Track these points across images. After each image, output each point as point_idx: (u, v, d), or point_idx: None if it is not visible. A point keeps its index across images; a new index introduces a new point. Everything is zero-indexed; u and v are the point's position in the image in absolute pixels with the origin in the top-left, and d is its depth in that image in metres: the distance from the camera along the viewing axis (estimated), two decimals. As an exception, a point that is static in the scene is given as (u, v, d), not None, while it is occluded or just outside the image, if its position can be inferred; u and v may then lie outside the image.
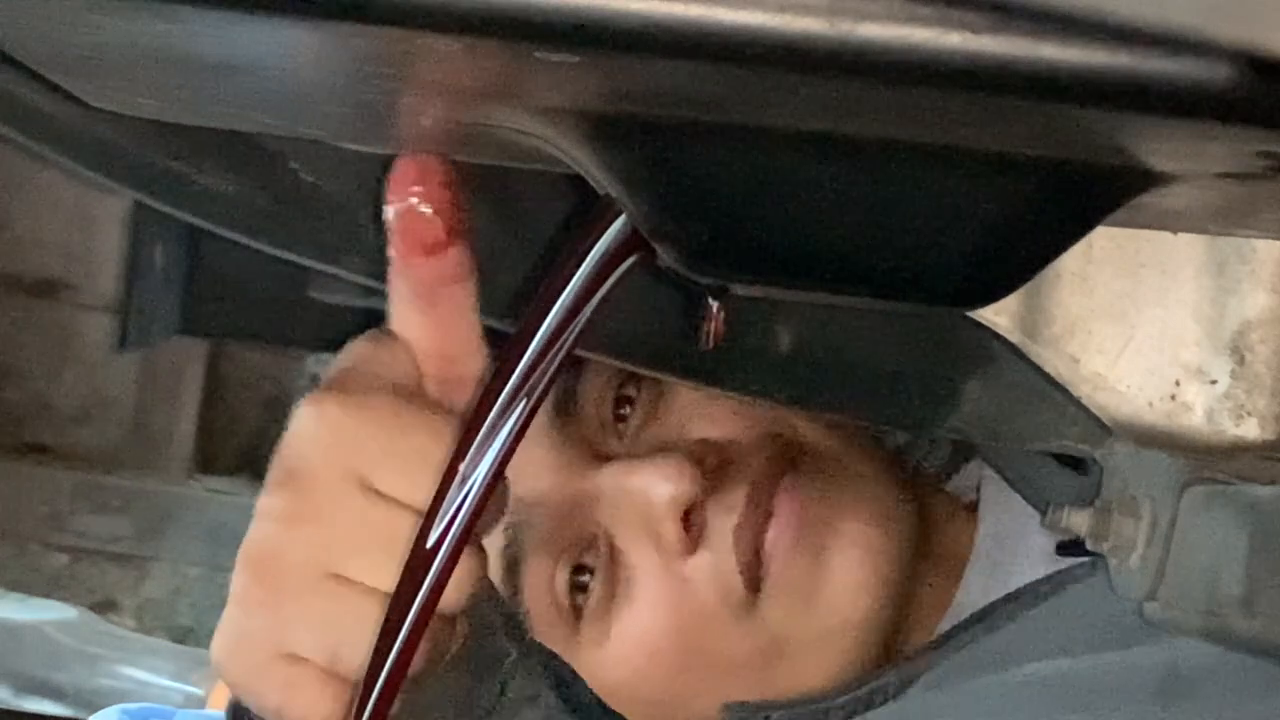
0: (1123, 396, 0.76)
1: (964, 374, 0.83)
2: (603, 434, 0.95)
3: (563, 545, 0.92)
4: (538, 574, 0.92)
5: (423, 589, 0.64)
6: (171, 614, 1.80)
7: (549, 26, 0.45)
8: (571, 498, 0.92)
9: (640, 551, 0.92)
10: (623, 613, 0.92)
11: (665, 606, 0.91)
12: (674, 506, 0.90)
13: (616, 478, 0.92)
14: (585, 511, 0.93)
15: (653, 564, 0.92)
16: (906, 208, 0.56)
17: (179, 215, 0.75)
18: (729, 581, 0.91)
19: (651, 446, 0.94)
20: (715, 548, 0.91)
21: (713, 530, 0.91)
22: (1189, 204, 0.61)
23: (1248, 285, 0.73)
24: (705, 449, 0.92)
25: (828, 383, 0.84)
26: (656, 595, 0.92)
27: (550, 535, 0.92)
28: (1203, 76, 0.44)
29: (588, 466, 0.93)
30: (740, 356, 0.82)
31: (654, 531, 0.91)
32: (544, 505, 0.92)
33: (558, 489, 0.92)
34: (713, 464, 0.92)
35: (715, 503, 0.91)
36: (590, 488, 0.93)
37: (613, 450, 0.95)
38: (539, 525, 0.92)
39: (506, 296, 0.80)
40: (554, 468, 0.93)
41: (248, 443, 1.82)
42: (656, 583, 0.92)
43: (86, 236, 1.73)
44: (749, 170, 0.55)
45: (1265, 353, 0.74)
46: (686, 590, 0.91)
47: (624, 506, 0.92)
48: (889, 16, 0.44)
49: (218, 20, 0.47)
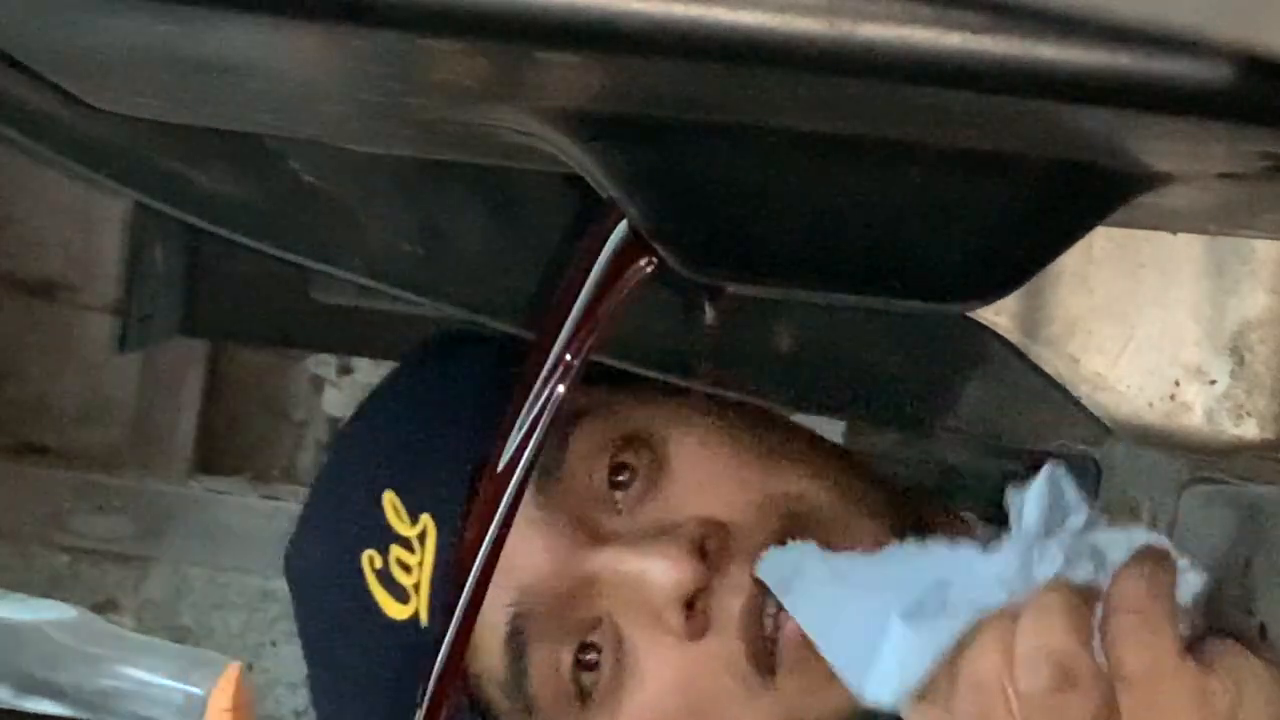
0: (1123, 396, 0.76)
1: (964, 374, 0.83)
2: (597, 508, 0.91)
3: (566, 628, 0.90)
4: (543, 659, 0.89)
5: None
6: (171, 614, 1.80)
7: (549, 26, 0.45)
8: (570, 582, 0.89)
9: (645, 636, 0.89)
10: (632, 693, 0.90)
11: (676, 688, 0.89)
12: (677, 595, 0.87)
13: (616, 563, 0.89)
14: (587, 595, 0.90)
15: (659, 648, 0.89)
16: (906, 208, 0.56)
17: (179, 215, 0.75)
18: (739, 665, 0.89)
19: (651, 526, 0.90)
20: (723, 631, 0.89)
21: (718, 614, 0.88)
22: (1189, 204, 0.61)
23: (1247, 285, 0.73)
24: (707, 529, 0.89)
25: (828, 383, 0.84)
26: (666, 678, 0.89)
27: (553, 619, 0.89)
28: (1203, 76, 0.44)
29: (584, 548, 0.90)
30: (740, 356, 0.82)
31: (658, 617, 0.88)
32: (544, 590, 0.89)
33: (556, 573, 0.89)
34: (715, 546, 0.89)
35: (720, 585, 0.88)
36: (589, 571, 0.89)
37: (610, 527, 0.91)
38: (542, 611, 0.89)
39: (507, 297, 0.80)
40: (548, 551, 0.89)
41: (248, 443, 1.82)
42: (664, 666, 0.89)
43: (86, 236, 1.73)
44: (749, 170, 0.55)
45: (1265, 353, 0.74)
46: (696, 673, 0.89)
47: (625, 593, 0.89)
48: (889, 16, 0.44)
49: (218, 21, 0.47)
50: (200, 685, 0.72)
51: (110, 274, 1.71)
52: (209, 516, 1.77)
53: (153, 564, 1.80)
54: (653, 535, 0.89)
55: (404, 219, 0.77)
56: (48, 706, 0.73)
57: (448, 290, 0.79)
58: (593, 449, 0.91)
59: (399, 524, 0.91)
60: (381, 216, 0.77)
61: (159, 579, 1.80)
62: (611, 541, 0.90)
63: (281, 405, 1.82)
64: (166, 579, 1.80)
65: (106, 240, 1.71)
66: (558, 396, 0.67)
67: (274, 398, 1.82)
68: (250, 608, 1.79)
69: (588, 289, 0.65)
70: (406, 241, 0.78)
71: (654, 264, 0.63)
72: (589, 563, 0.90)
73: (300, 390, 1.82)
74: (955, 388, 0.83)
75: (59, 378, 1.77)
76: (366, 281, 0.78)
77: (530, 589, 0.89)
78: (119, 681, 0.73)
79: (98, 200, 1.66)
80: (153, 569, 1.80)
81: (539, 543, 0.89)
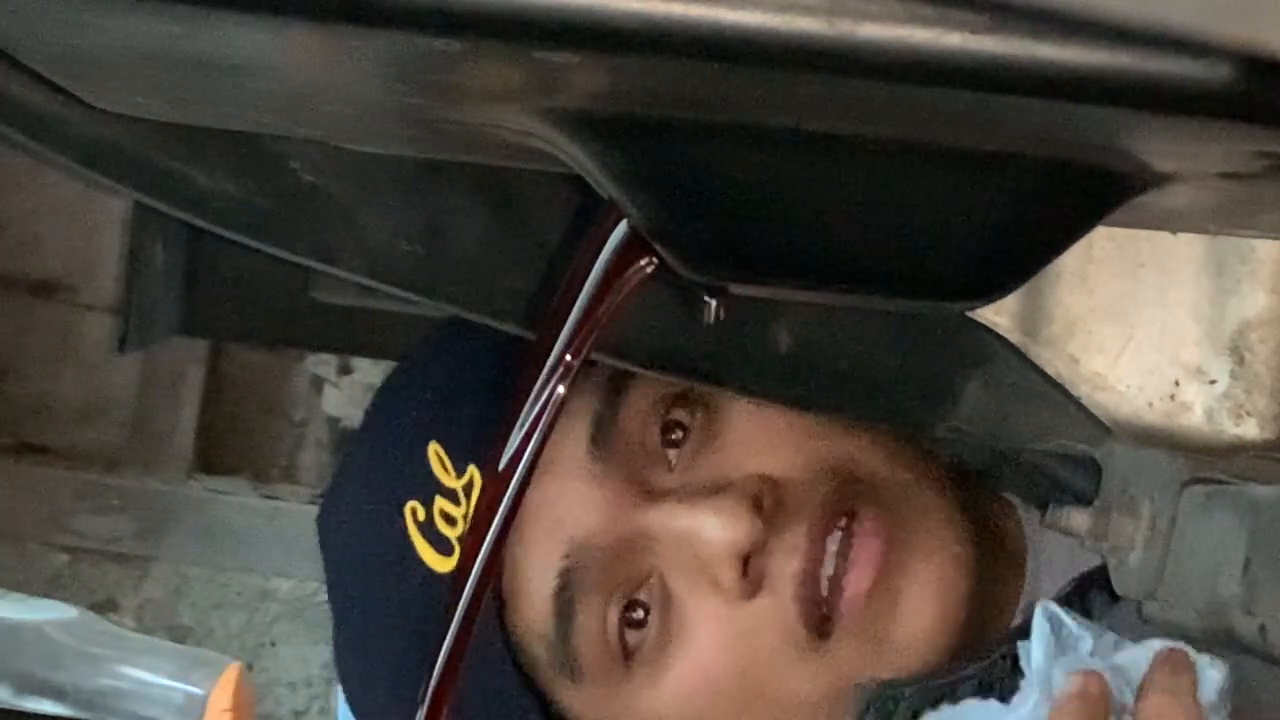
0: (1123, 396, 0.76)
1: (964, 374, 0.83)
2: (650, 465, 0.90)
3: (614, 584, 0.88)
4: (590, 615, 0.88)
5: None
6: (171, 614, 1.80)
7: (549, 26, 0.45)
8: (621, 537, 0.88)
9: (696, 594, 0.88)
10: (679, 653, 0.89)
11: (725, 648, 0.88)
12: (733, 553, 0.86)
13: (670, 519, 0.88)
14: (637, 551, 0.89)
15: (710, 606, 0.88)
16: (906, 207, 0.56)
17: (179, 215, 0.75)
18: (792, 627, 0.88)
19: (706, 482, 0.89)
20: (777, 592, 0.88)
21: (773, 574, 0.87)
22: (1189, 204, 0.61)
23: (1247, 285, 0.73)
24: (762, 486, 0.88)
25: (828, 383, 0.84)
26: (715, 637, 0.88)
27: (603, 575, 0.88)
28: (1203, 76, 0.44)
29: (637, 503, 0.88)
30: (740, 356, 0.82)
31: (710, 575, 0.88)
32: (594, 545, 0.88)
33: (606, 528, 0.88)
34: (770, 503, 0.88)
35: (775, 544, 0.87)
36: (641, 527, 0.88)
37: (663, 484, 0.90)
38: (591, 566, 0.88)
39: (507, 296, 0.80)
40: (600, 505, 0.88)
41: (248, 443, 1.82)
42: (715, 625, 0.88)
43: (86, 236, 1.73)
44: (749, 170, 0.55)
45: (1265, 353, 0.74)
46: (747, 633, 0.88)
47: (678, 549, 0.88)
48: (889, 16, 0.44)
49: (218, 21, 0.47)
50: (200, 685, 0.72)
51: (110, 274, 1.71)
52: (209, 516, 1.77)
53: (153, 564, 1.80)
54: (708, 491, 0.88)
55: (404, 219, 0.77)
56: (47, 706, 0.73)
57: (448, 290, 0.79)
58: (646, 406, 0.90)
59: (444, 475, 0.90)
60: (381, 216, 0.77)
61: (159, 579, 1.80)
62: (665, 497, 0.89)
63: (281, 405, 1.82)
64: (166, 579, 1.80)
65: (106, 240, 1.71)
66: (558, 397, 0.67)
67: (274, 398, 1.82)
68: (250, 608, 1.79)
69: (588, 289, 0.65)
70: (406, 241, 0.78)
71: (654, 264, 0.63)
72: (641, 518, 0.89)
73: (300, 390, 1.82)
74: (955, 388, 0.83)
75: (59, 378, 1.77)
76: (366, 281, 0.78)
77: (580, 543, 0.88)
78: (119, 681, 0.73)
79: (98, 200, 1.66)
80: (153, 569, 1.80)
81: (591, 496, 0.88)
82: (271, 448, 1.82)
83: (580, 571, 0.88)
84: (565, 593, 0.89)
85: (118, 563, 1.80)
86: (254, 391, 1.81)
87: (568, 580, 0.88)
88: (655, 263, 0.63)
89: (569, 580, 0.88)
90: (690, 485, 0.89)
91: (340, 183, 0.75)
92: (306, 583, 1.74)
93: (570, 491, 0.87)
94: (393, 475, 0.93)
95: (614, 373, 0.89)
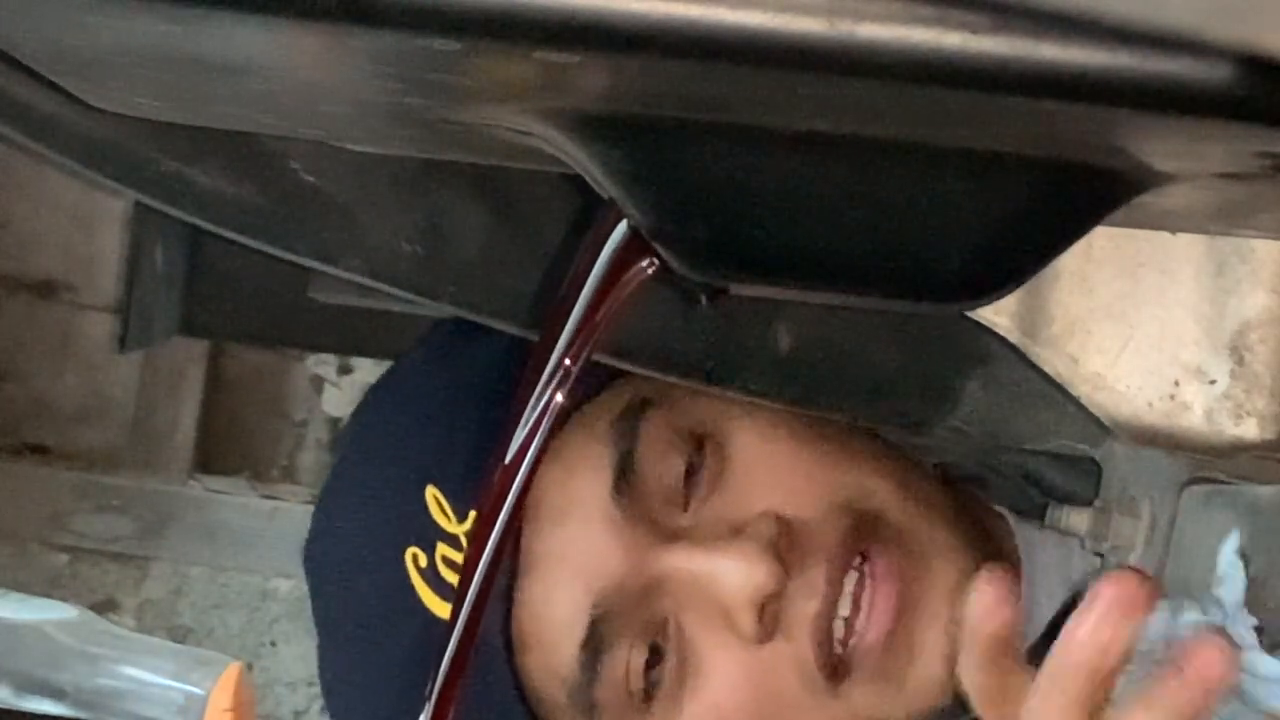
0: (1122, 396, 0.76)
1: (964, 374, 0.83)
2: (665, 505, 0.89)
3: (637, 629, 0.88)
4: (616, 660, 0.88)
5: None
6: (171, 614, 1.80)
7: (549, 26, 0.45)
8: (641, 581, 0.88)
9: (711, 637, 0.88)
10: (694, 695, 0.89)
11: (740, 690, 0.88)
12: (753, 599, 0.86)
13: (688, 563, 0.88)
14: (655, 594, 0.89)
15: (725, 649, 0.88)
16: (906, 208, 0.56)
17: (179, 215, 0.75)
18: (808, 670, 0.88)
19: (721, 525, 0.89)
20: (793, 636, 0.88)
21: (789, 618, 0.87)
22: (1189, 204, 0.61)
23: (1247, 285, 0.73)
24: (778, 528, 0.87)
25: (828, 383, 0.84)
26: (730, 679, 0.88)
27: (628, 621, 0.88)
28: (1203, 76, 0.44)
29: (654, 546, 0.88)
30: (740, 356, 0.82)
31: (727, 619, 0.87)
32: (620, 592, 0.88)
33: (630, 574, 0.88)
34: (786, 545, 0.87)
35: (791, 588, 0.87)
36: (659, 571, 0.88)
37: (677, 524, 0.90)
38: (618, 612, 0.88)
39: (507, 297, 0.80)
40: (624, 551, 0.88)
41: (248, 443, 1.82)
42: (730, 667, 0.88)
43: (86, 236, 1.73)
44: (749, 170, 0.55)
45: (1264, 353, 0.74)
46: (762, 676, 0.88)
47: (694, 593, 0.88)
48: (889, 16, 0.44)
49: (218, 21, 0.47)
50: (200, 685, 0.72)
51: (110, 274, 1.71)
52: (209, 516, 1.77)
53: (153, 564, 1.80)
54: (725, 535, 0.88)
55: (404, 219, 0.77)
56: (47, 706, 0.73)
57: (448, 290, 0.79)
58: (663, 447, 0.90)
59: (445, 521, 0.90)
60: (381, 216, 0.77)
61: (159, 579, 1.80)
62: (679, 539, 0.89)
63: (281, 405, 1.82)
64: (166, 579, 1.80)
65: (106, 240, 1.71)
66: (556, 405, 0.67)
67: (274, 398, 1.82)
68: (250, 608, 1.79)
69: (587, 291, 0.65)
70: (406, 241, 0.78)
71: (654, 264, 0.63)
72: (659, 562, 0.88)
73: (300, 390, 1.81)
74: (955, 388, 0.83)
75: (59, 378, 1.77)
76: (366, 281, 0.78)
77: (608, 591, 0.88)
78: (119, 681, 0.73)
79: (98, 200, 1.66)
80: (153, 569, 1.80)
81: (615, 543, 0.88)
82: (271, 448, 1.82)
83: (609, 619, 0.88)
84: (594, 640, 0.88)
85: (118, 563, 1.80)
86: (254, 391, 1.81)
87: (597, 628, 0.88)
88: (655, 263, 0.63)
89: (600, 628, 0.88)
90: (705, 527, 0.89)
91: (340, 183, 0.75)
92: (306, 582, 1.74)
93: (595, 539, 0.87)
94: (390, 518, 0.92)
95: (626, 410, 0.89)
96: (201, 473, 1.78)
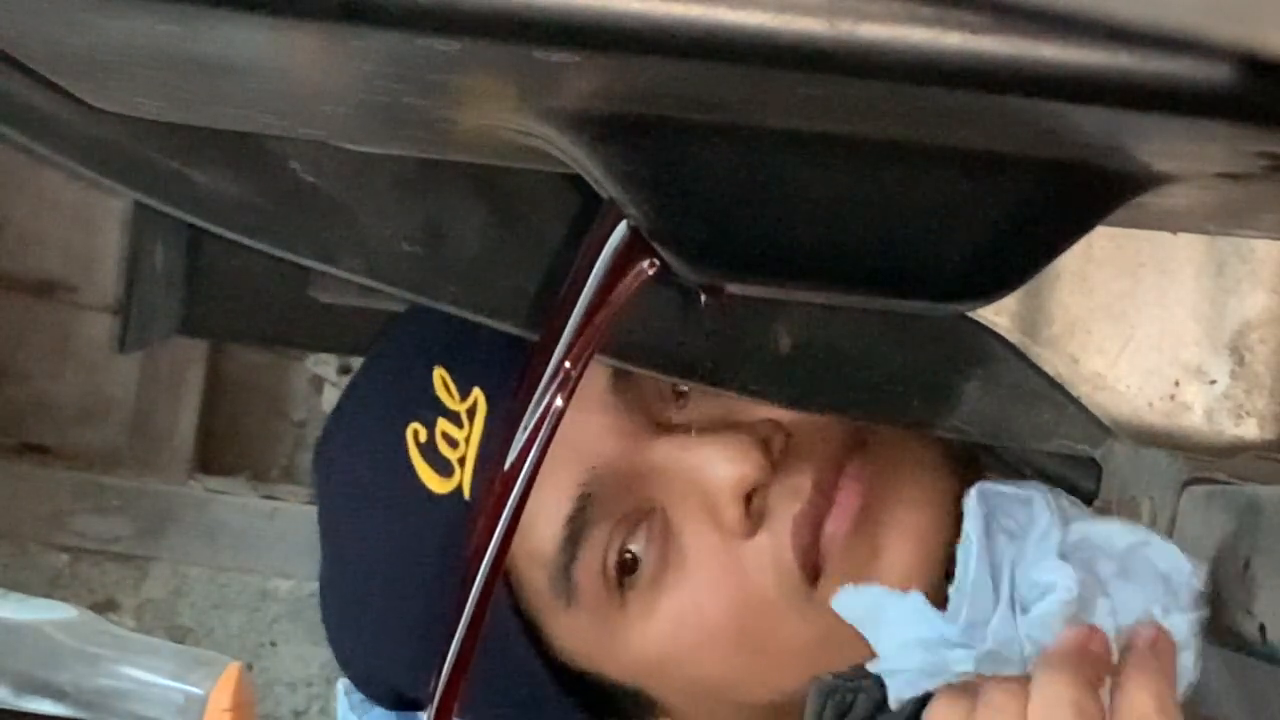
0: (1123, 396, 0.76)
1: (964, 374, 0.83)
2: (666, 401, 0.91)
3: (621, 514, 0.90)
4: (596, 543, 0.89)
5: None
6: (171, 614, 1.80)
7: (549, 26, 0.45)
8: (632, 468, 0.90)
9: (696, 529, 0.90)
10: (674, 589, 0.90)
11: (720, 586, 0.89)
12: (738, 489, 0.88)
13: (680, 451, 0.89)
14: (644, 483, 0.90)
15: (708, 542, 0.89)
16: (906, 207, 0.56)
17: (179, 215, 0.75)
18: (787, 568, 0.89)
19: (715, 420, 0.90)
20: (775, 532, 0.89)
21: (774, 515, 0.89)
22: (1189, 204, 0.61)
23: (1247, 285, 0.73)
24: (772, 429, 0.89)
25: (828, 383, 0.84)
26: (711, 574, 0.89)
27: (612, 504, 0.89)
28: (1203, 76, 0.44)
29: (649, 435, 0.90)
30: (740, 356, 0.82)
31: (712, 510, 0.89)
32: (612, 472, 0.89)
33: (620, 458, 0.89)
34: (779, 445, 0.89)
35: (779, 486, 0.89)
36: (650, 458, 0.90)
37: (674, 421, 0.91)
38: (605, 494, 0.89)
39: (507, 297, 0.80)
40: (616, 434, 0.89)
41: (248, 443, 1.82)
42: (712, 561, 0.89)
43: (86, 236, 1.73)
44: (749, 170, 0.55)
45: (1265, 353, 0.74)
46: (742, 572, 0.89)
47: (683, 482, 0.89)
48: (889, 16, 0.44)
49: (218, 21, 0.47)
50: (200, 685, 0.72)
51: (110, 274, 1.71)
52: (209, 516, 1.77)
53: (153, 564, 1.80)
54: (719, 427, 0.90)
55: (404, 219, 0.77)
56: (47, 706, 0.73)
57: (448, 290, 0.79)
58: None
59: (448, 398, 0.91)
60: (381, 216, 0.77)
61: (159, 579, 1.80)
62: (676, 430, 0.90)
63: (281, 405, 1.82)
64: (166, 579, 1.80)
65: (106, 240, 1.71)
66: (557, 409, 0.67)
67: (274, 398, 1.81)
68: (250, 608, 1.79)
69: (588, 291, 0.65)
70: (406, 241, 0.78)
71: (654, 264, 0.63)
72: (651, 450, 0.90)
73: (300, 390, 1.81)
74: (955, 388, 0.83)
75: (59, 378, 1.76)
76: (366, 281, 0.78)
77: (598, 470, 0.89)
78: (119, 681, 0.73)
79: (98, 200, 1.65)
80: (153, 569, 1.80)
81: (608, 428, 0.90)
82: (271, 448, 1.82)
83: (595, 500, 0.89)
84: (579, 518, 0.89)
85: (118, 563, 1.80)
86: (254, 391, 1.81)
87: (584, 505, 0.89)
88: (655, 263, 0.63)
89: (584, 506, 0.89)
90: (701, 421, 0.90)
91: (340, 183, 0.75)
92: (306, 583, 1.74)
93: (590, 424, 0.88)
94: (396, 397, 0.94)
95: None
96: (201, 473, 1.78)
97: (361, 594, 0.97)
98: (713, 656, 0.91)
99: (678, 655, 0.91)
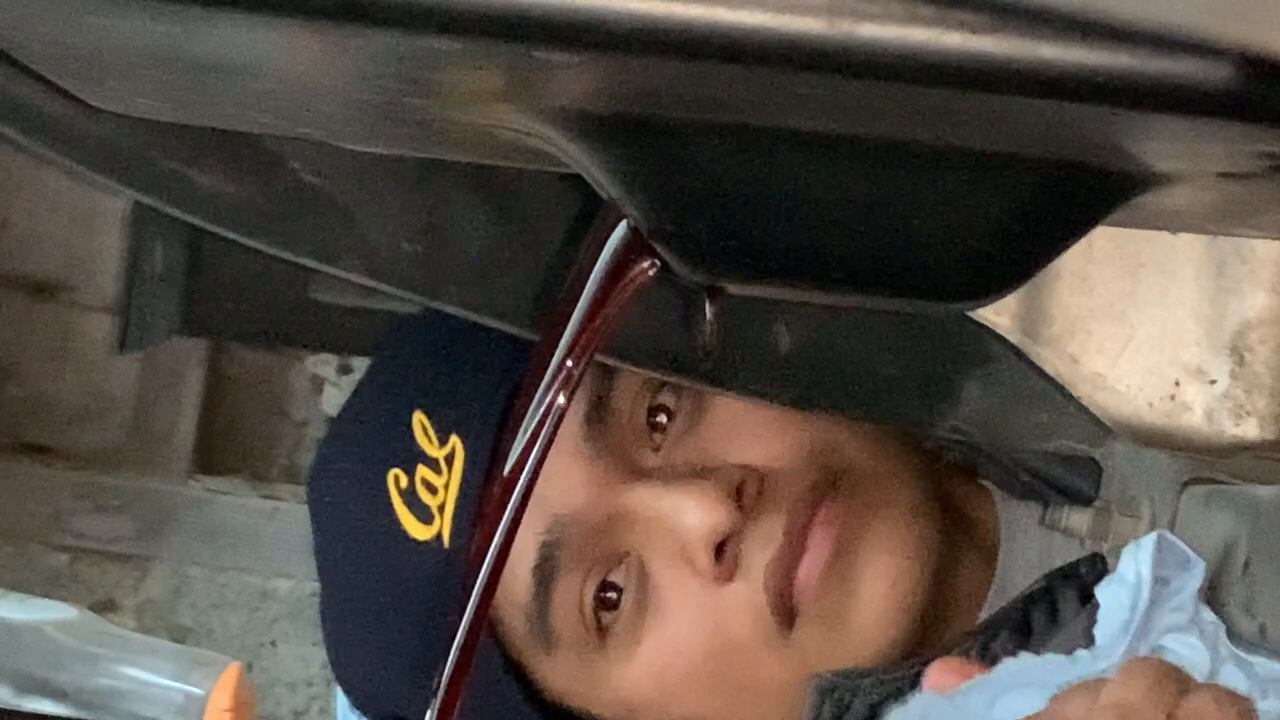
0: (1123, 396, 0.76)
1: (964, 374, 0.83)
2: (637, 445, 0.92)
3: (593, 560, 0.91)
4: (568, 591, 0.90)
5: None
6: (171, 614, 1.80)
7: (549, 26, 0.45)
8: (604, 515, 0.90)
9: (671, 575, 0.90)
10: (653, 630, 0.91)
11: (696, 629, 0.90)
12: (709, 538, 0.88)
13: (651, 499, 0.90)
14: (617, 529, 0.91)
15: (684, 587, 0.90)
16: (906, 208, 0.56)
17: (179, 215, 0.75)
18: (761, 613, 0.90)
19: (689, 466, 0.91)
20: (749, 579, 0.90)
21: (747, 562, 0.89)
22: (1189, 204, 0.61)
23: (1248, 285, 0.73)
24: (745, 475, 0.90)
25: (828, 383, 0.84)
26: (688, 617, 0.90)
27: (583, 551, 0.90)
28: (1203, 76, 0.44)
29: (621, 481, 0.90)
30: (740, 356, 0.83)
31: (686, 557, 0.90)
32: (579, 522, 0.90)
33: (591, 506, 0.90)
34: (752, 492, 0.90)
35: (752, 533, 0.89)
36: (623, 505, 0.90)
37: (647, 464, 0.92)
38: (572, 542, 0.90)
39: (507, 297, 0.80)
40: (587, 482, 0.90)
41: (248, 443, 1.82)
42: (688, 605, 0.90)
43: (86, 236, 1.73)
44: (749, 170, 0.55)
45: (1265, 353, 0.74)
46: (718, 616, 0.90)
47: (656, 529, 0.90)
48: (889, 16, 0.44)
49: (218, 21, 0.47)
50: (200, 685, 0.72)
51: (110, 274, 1.71)
52: (209, 516, 1.77)
53: (153, 564, 1.80)
54: (690, 475, 0.90)
55: (404, 219, 0.77)
56: (47, 706, 0.73)
57: (448, 290, 0.79)
58: (636, 387, 0.92)
59: (427, 444, 0.92)
60: (381, 216, 0.77)
61: (159, 579, 1.80)
62: (648, 477, 0.91)
63: (281, 405, 1.82)
64: (166, 579, 1.80)
65: (106, 240, 1.71)
66: (559, 408, 0.67)
67: (274, 398, 1.81)
68: (250, 608, 1.79)
69: (588, 292, 0.65)
70: (406, 241, 0.78)
71: (654, 264, 0.63)
72: (623, 497, 0.90)
73: (300, 390, 1.81)
74: (955, 388, 0.83)
75: (59, 378, 1.76)
76: (366, 281, 0.78)
77: (563, 519, 0.90)
78: (119, 681, 0.73)
79: (98, 200, 1.65)
80: (153, 569, 1.80)
81: (579, 474, 0.90)
82: (271, 448, 1.82)
83: (562, 546, 0.90)
84: (546, 565, 0.90)
85: (118, 563, 1.80)
86: (254, 391, 1.81)
87: (549, 554, 0.90)
88: (656, 264, 0.63)
89: (550, 554, 0.90)
90: (673, 467, 0.91)
91: (340, 183, 0.76)
92: (306, 583, 1.74)
93: (560, 469, 0.88)
94: (378, 443, 0.95)
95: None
96: (201, 473, 1.78)
97: (355, 625, 0.98)
98: (693, 697, 0.92)
99: (659, 696, 0.92)
